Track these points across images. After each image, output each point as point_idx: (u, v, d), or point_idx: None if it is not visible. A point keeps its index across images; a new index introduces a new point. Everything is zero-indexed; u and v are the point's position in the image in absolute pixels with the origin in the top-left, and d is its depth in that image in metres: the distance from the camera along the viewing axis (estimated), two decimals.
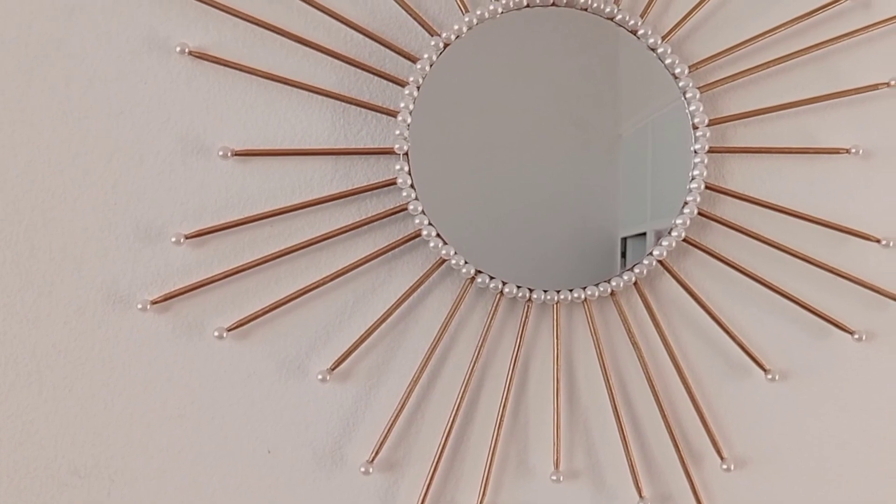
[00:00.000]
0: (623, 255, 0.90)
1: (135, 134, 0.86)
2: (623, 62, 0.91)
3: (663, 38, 0.91)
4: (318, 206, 0.88)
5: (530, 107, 0.89)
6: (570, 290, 0.89)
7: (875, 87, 0.95)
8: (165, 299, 0.85)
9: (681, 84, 0.91)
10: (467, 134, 0.88)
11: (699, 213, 0.91)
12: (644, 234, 0.91)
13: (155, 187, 0.86)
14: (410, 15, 0.88)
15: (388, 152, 0.87)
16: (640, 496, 0.91)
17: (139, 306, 0.85)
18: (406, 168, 0.86)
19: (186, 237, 0.85)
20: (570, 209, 0.89)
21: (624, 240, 0.90)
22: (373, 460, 0.88)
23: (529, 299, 0.89)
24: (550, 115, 0.90)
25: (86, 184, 0.85)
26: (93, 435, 0.86)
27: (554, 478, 0.90)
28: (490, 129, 0.89)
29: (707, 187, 0.91)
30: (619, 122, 0.91)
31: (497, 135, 0.89)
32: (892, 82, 0.95)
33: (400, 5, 0.87)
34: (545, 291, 0.89)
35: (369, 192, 0.89)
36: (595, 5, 0.89)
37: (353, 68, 0.88)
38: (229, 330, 0.86)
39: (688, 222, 0.90)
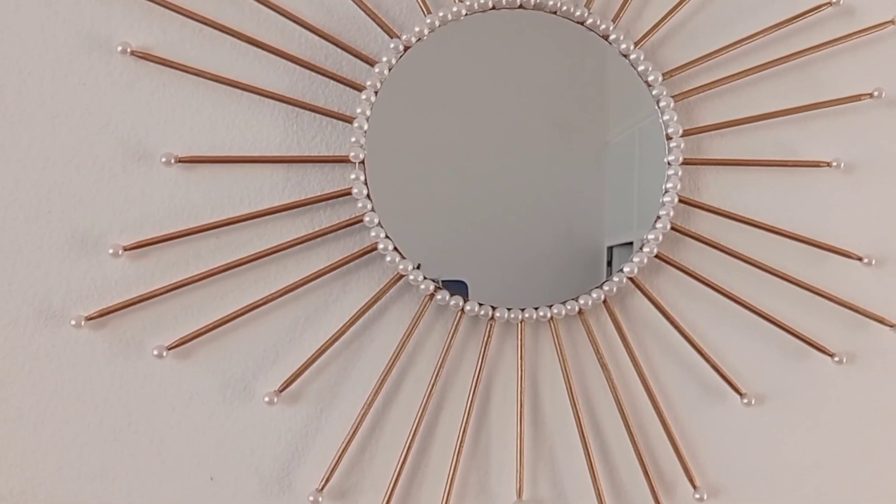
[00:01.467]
0: (609, 263, 0.89)
1: (72, 138, 0.84)
2: (593, 68, 0.90)
3: (636, 43, 0.90)
4: (269, 216, 0.86)
5: (495, 113, 0.88)
6: (536, 308, 0.87)
7: (858, 97, 0.94)
8: (102, 315, 0.83)
9: (654, 92, 0.89)
10: (427, 142, 0.87)
11: (672, 228, 0.90)
12: (631, 243, 0.90)
13: (92, 195, 0.84)
14: (369, 16, 0.86)
15: (344, 160, 0.85)
16: None
17: (73, 322, 0.82)
18: (362, 177, 0.84)
19: (125, 249, 0.83)
20: (548, 219, 0.88)
21: (610, 249, 0.89)
22: (322, 488, 0.85)
23: (492, 317, 0.87)
24: (517, 122, 0.88)
25: (18, 191, 0.83)
26: (20, 459, 0.84)
27: None
28: (451, 136, 0.87)
29: (681, 201, 0.90)
30: (588, 128, 0.90)
31: (458, 143, 0.87)
32: (876, 93, 0.94)
33: (358, 6, 0.86)
34: (509, 309, 0.87)
35: (323, 203, 0.87)
36: (564, 8, 0.88)
37: (307, 71, 0.86)
38: (170, 348, 0.84)
39: (660, 237, 0.89)
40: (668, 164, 0.89)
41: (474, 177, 0.88)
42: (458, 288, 0.86)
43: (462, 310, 0.87)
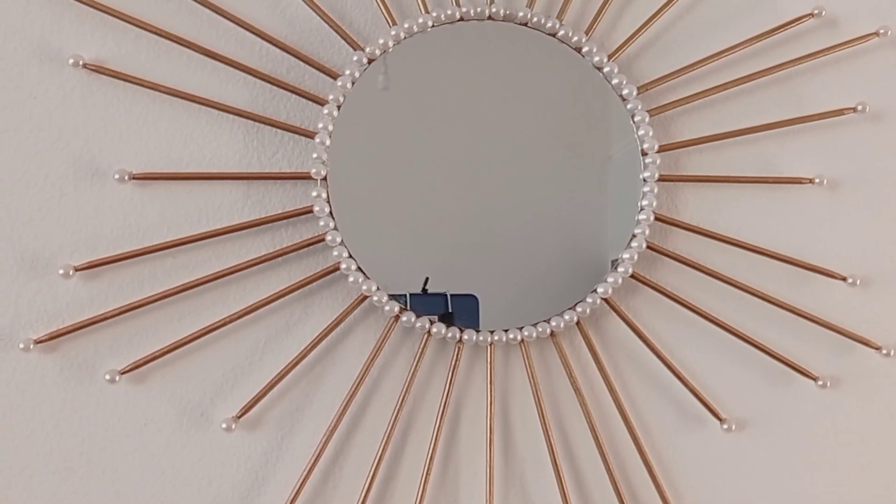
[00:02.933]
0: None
1: (21, 154, 0.84)
2: (566, 81, 0.90)
3: (610, 56, 0.90)
4: (228, 235, 0.85)
5: (461, 127, 0.88)
6: (506, 331, 0.87)
7: (841, 112, 0.95)
8: (52, 338, 0.83)
9: (629, 106, 0.89)
10: (390, 158, 0.87)
11: (648, 247, 0.90)
12: None
13: (43, 213, 0.84)
14: (332, 28, 0.86)
15: (305, 177, 0.85)
16: None
17: (22, 346, 0.82)
18: (324, 195, 0.84)
19: (77, 269, 0.82)
20: (522, 238, 0.89)
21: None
22: None
23: (460, 340, 0.87)
24: (484, 134, 0.88)
25: None
26: None
27: None
28: (415, 152, 0.88)
29: (657, 219, 0.90)
30: (561, 139, 0.90)
31: (422, 158, 0.88)
32: (860, 107, 0.95)
33: (321, 17, 0.86)
34: (477, 332, 0.86)
35: (284, 221, 0.86)
36: (535, 20, 0.88)
37: (268, 85, 0.86)
38: (123, 372, 0.83)
39: (636, 257, 0.88)
40: (644, 180, 0.89)
41: (440, 192, 0.88)
42: (468, 302, 0.86)
43: (429, 332, 0.86)
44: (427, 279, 0.85)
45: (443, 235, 0.88)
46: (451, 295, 0.86)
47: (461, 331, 0.86)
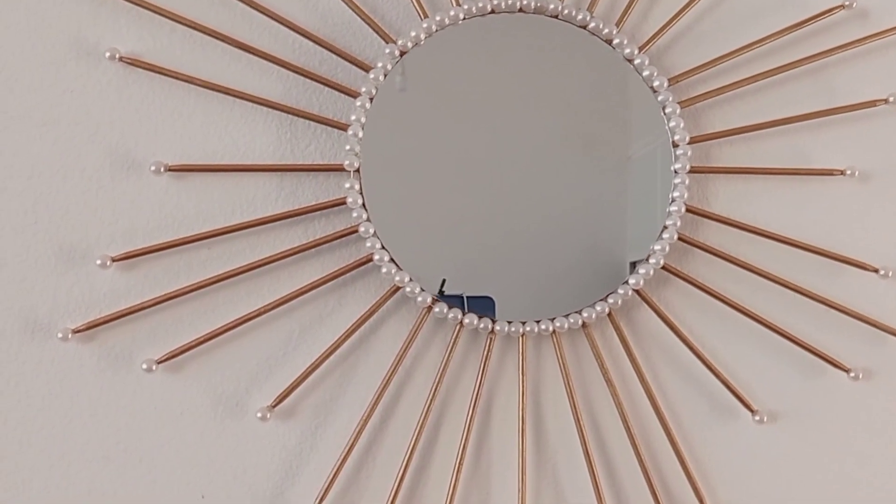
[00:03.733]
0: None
1: (59, 147, 0.85)
2: (597, 74, 0.90)
3: (640, 48, 0.90)
4: (262, 226, 0.86)
5: (495, 121, 0.88)
6: (537, 322, 0.87)
7: (873, 103, 0.94)
8: (90, 328, 0.83)
9: (660, 98, 0.89)
10: (424, 150, 0.88)
11: (680, 239, 0.90)
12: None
13: (80, 205, 0.85)
14: (364, 21, 0.87)
15: (338, 169, 0.86)
16: None
17: (60, 335, 0.83)
18: (357, 186, 0.85)
19: (114, 260, 0.83)
20: (552, 232, 0.89)
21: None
22: None
23: (492, 331, 0.87)
24: (514, 127, 0.89)
25: (2, 201, 0.84)
26: (4, 478, 0.84)
27: None
28: (448, 144, 0.88)
29: (688, 210, 0.90)
30: (586, 135, 0.90)
31: (455, 150, 0.88)
32: (891, 98, 0.94)
33: (353, 10, 0.87)
34: (509, 323, 0.87)
35: (317, 213, 0.87)
36: (566, 12, 0.88)
37: (301, 78, 0.87)
38: (160, 362, 0.84)
39: (667, 248, 0.88)
40: (675, 172, 0.89)
41: (473, 185, 0.88)
42: (484, 304, 0.87)
43: (461, 323, 0.86)
44: (444, 281, 0.86)
45: (468, 232, 0.88)
46: (468, 297, 0.87)
47: (493, 321, 0.86)
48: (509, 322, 0.87)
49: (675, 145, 0.89)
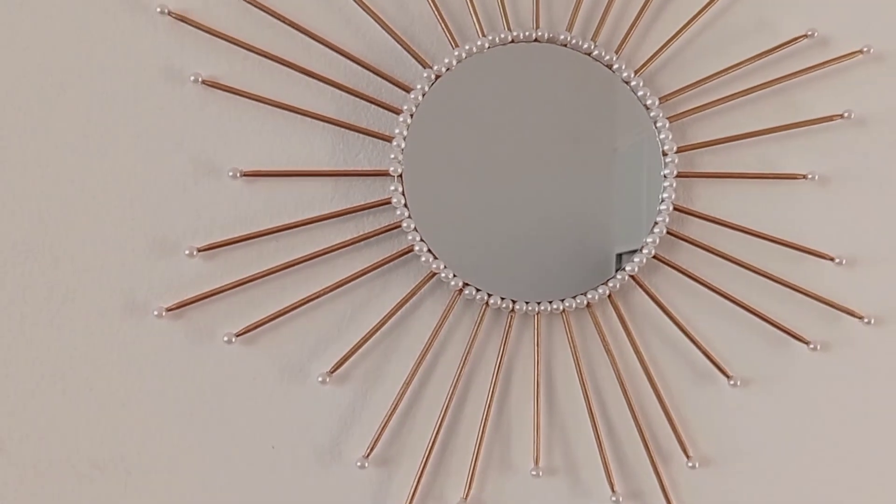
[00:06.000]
0: (618, 272, 0.95)
1: (151, 156, 0.89)
2: (600, 93, 0.95)
3: (636, 72, 0.95)
4: (319, 223, 0.90)
5: (516, 133, 0.93)
6: (550, 302, 0.92)
7: (831, 118, 0.99)
8: (179, 307, 0.88)
9: (652, 114, 0.95)
10: (457, 158, 0.92)
11: (668, 233, 0.95)
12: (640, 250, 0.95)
13: (170, 204, 0.89)
14: (405, 48, 0.91)
15: (384, 174, 0.90)
16: (613, 491, 0.94)
17: (155, 313, 0.87)
18: (400, 189, 0.90)
19: (199, 250, 0.88)
20: (564, 228, 0.94)
21: (619, 256, 0.94)
22: (368, 456, 0.90)
23: (512, 310, 0.92)
24: (535, 139, 0.94)
25: (107, 201, 0.88)
26: (111, 431, 0.88)
27: (534, 473, 0.93)
28: (478, 153, 0.92)
29: (675, 209, 0.95)
30: (598, 141, 0.96)
31: (485, 158, 0.92)
32: (847, 114, 0.99)
33: (395, 39, 0.91)
34: (527, 303, 0.92)
35: (366, 211, 0.91)
36: (574, 42, 0.94)
37: (351, 97, 0.91)
38: (237, 335, 0.88)
39: (657, 241, 0.94)
40: (665, 177, 0.95)
41: (499, 188, 0.93)
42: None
43: (486, 303, 0.92)
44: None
45: (493, 226, 0.93)
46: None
47: (513, 302, 0.91)
48: (527, 302, 0.92)
49: (665, 154, 0.94)
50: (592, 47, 0.94)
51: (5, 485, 0.86)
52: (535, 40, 0.94)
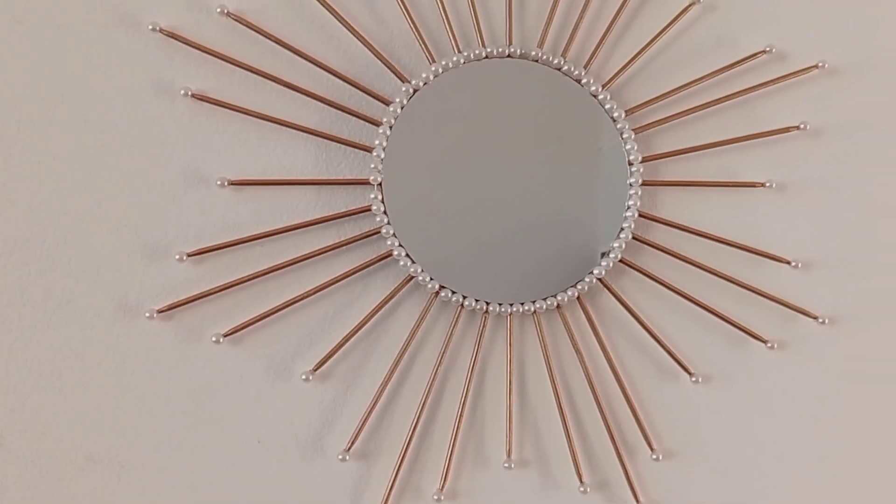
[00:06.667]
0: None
1: (143, 165, 0.90)
2: (569, 107, 0.98)
3: (604, 86, 0.98)
4: (303, 229, 0.92)
5: (489, 145, 0.96)
6: (522, 304, 0.95)
7: (788, 129, 1.02)
8: (169, 309, 0.90)
9: (619, 126, 0.98)
10: (433, 167, 0.95)
11: (634, 238, 0.98)
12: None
13: (161, 212, 0.91)
14: (384, 63, 0.93)
15: (364, 183, 0.92)
16: (581, 482, 0.97)
17: (147, 315, 0.89)
18: (380, 197, 0.92)
19: (188, 255, 0.89)
20: (533, 233, 0.97)
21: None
22: (349, 449, 0.93)
23: (486, 311, 0.95)
24: (506, 148, 0.97)
25: (102, 208, 0.90)
26: (106, 427, 0.90)
27: (506, 465, 0.95)
28: (453, 163, 0.95)
29: (641, 216, 0.98)
30: (580, 143, 0.99)
31: (459, 169, 0.95)
32: (802, 125, 1.02)
33: (375, 55, 0.93)
34: (500, 304, 0.94)
35: (347, 218, 0.93)
36: (545, 57, 0.97)
37: (333, 110, 0.93)
38: (225, 336, 0.90)
39: (623, 245, 0.97)
40: (630, 185, 0.97)
41: (473, 196, 0.95)
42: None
43: (462, 305, 0.94)
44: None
45: (468, 232, 0.95)
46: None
47: (487, 304, 0.94)
48: (500, 304, 0.95)
49: (631, 163, 0.97)
50: (562, 63, 0.97)
51: (5, 477, 0.88)
52: (508, 56, 0.96)
